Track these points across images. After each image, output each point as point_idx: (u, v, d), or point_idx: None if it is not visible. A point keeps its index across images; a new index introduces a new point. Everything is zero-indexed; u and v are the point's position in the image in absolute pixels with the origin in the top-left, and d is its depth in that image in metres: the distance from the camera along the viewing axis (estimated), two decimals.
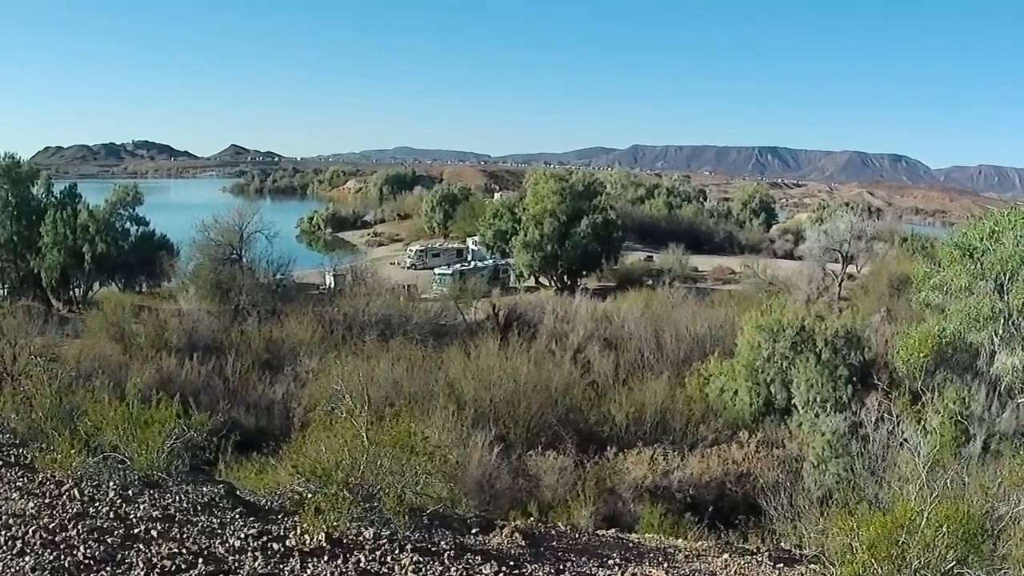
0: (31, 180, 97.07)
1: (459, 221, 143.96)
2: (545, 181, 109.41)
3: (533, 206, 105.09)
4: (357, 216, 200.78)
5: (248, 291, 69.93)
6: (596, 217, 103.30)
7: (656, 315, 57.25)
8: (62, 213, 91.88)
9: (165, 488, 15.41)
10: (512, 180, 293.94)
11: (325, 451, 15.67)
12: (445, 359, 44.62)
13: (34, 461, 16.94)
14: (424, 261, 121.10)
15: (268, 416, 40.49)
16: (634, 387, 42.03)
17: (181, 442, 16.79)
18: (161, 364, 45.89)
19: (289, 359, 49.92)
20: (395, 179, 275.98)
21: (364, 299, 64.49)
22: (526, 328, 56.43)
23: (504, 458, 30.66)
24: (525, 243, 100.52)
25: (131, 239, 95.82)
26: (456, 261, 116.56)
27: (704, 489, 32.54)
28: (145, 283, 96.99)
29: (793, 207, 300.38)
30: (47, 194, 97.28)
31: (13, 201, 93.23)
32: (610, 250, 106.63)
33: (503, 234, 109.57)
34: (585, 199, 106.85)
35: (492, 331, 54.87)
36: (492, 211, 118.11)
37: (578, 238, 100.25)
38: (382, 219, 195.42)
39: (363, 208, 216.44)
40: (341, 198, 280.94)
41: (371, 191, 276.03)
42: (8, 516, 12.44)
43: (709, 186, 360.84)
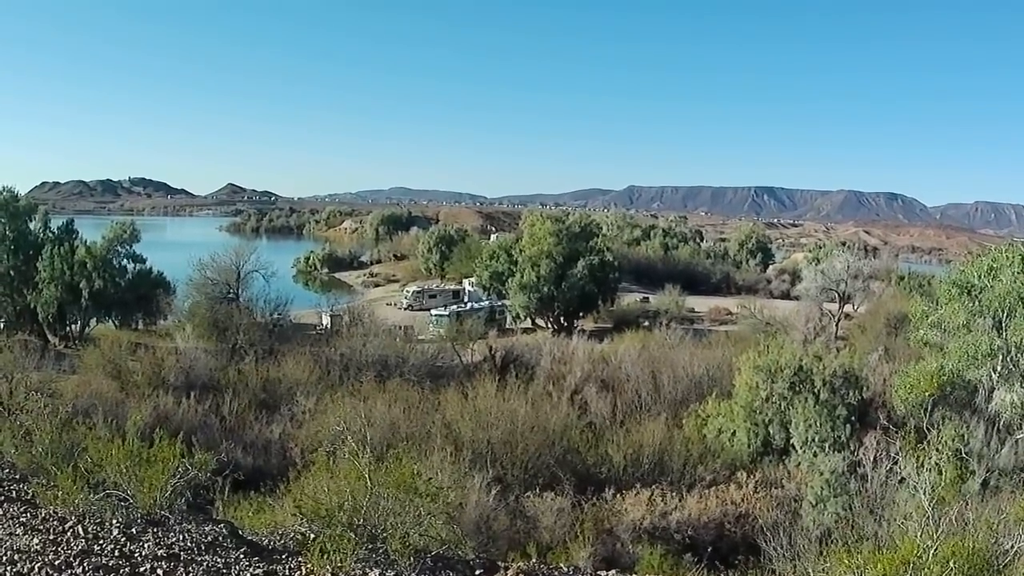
0: (28, 215, 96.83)
1: (455, 262, 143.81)
2: (541, 222, 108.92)
3: (529, 247, 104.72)
4: (353, 256, 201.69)
5: (245, 330, 69.93)
6: (593, 258, 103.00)
7: (653, 356, 57.18)
8: (59, 249, 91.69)
9: (168, 527, 15.36)
10: (508, 221, 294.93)
11: (327, 492, 15.66)
12: (442, 400, 44.40)
13: (35, 496, 16.93)
14: (421, 302, 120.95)
15: (265, 455, 40.39)
16: (632, 428, 41.97)
17: (184, 481, 16.80)
18: (158, 402, 45.84)
19: (286, 399, 49.82)
20: (391, 219, 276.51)
21: (361, 340, 64.37)
22: (523, 369, 56.39)
23: (502, 499, 30.62)
24: (522, 284, 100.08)
25: (128, 276, 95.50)
26: (453, 302, 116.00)
27: (703, 530, 32.48)
28: (141, 320, 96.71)
29: (789, 247, 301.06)
30: (44, 229, 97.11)
31: (10, 235, 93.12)
32: (607, 291, 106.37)
33: (499, 275, 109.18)
34: (581, 240, 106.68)
35: (489, 372, 54.81)
36: (488, 252, 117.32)
37: (575, 279, 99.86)
38: (378, 259, 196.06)
39: (359, 248, 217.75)
40: (337, 238, 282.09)
41: (367, 231, 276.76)
42: (13, 552, 12.45)
43: (705, 227, 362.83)
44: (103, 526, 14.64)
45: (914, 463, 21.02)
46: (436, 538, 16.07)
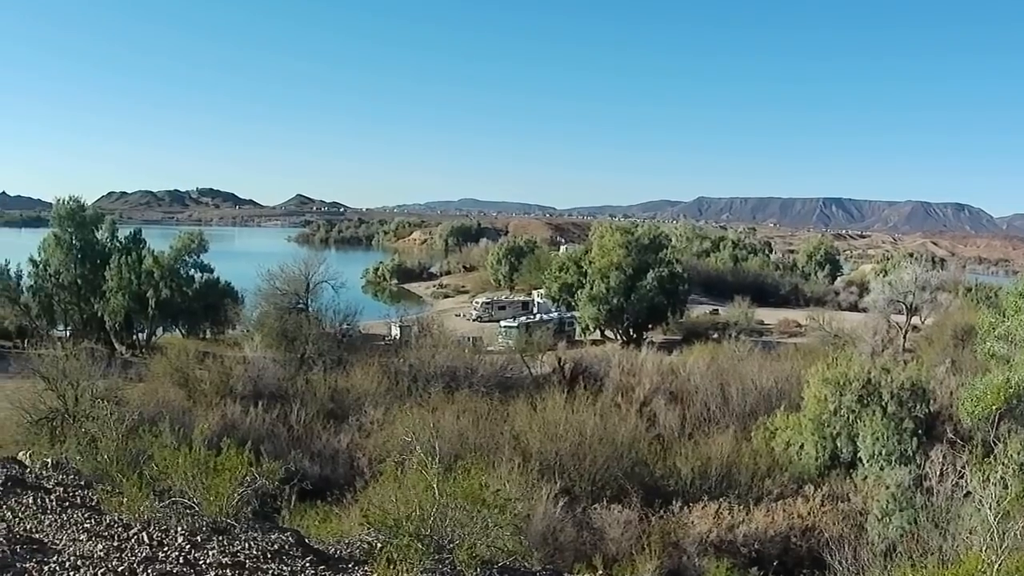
0: (95, 224, 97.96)
1: (525, 274, 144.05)
2: (611, 234, 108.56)
3: (599, 259, 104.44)
4: (423, 267, 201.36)
5: (314, 340, 70.02)
6: (662, 270, 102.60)
7: (722, 369, 56.86)
8: (127, 258, 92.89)
9: (233, 535, 15.24)
10: (577, 233, 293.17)
11: (395, 502, 15.67)
12: (511, 411, 44.51)
13: (100, 503, 16.84)
14: (490, 313, 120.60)
15: (332, 465, 40.56)
16: (700, 441, 41.87)
17: (251, 489, 16.81)
18: (225, 411, 46.15)
19: (354, 409, 50.07)
20: (460, 231, 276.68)
21: (430, 351, 64.39)
22: (592, 381, 56.26)
23: (569, 511, 30.59)
24: (591, 296, 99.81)
25: (196, 286, 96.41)
26: (522, 314, 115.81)
27: (769, 543, 32.35)
28: (209, 330, 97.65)
29: (857, 258, 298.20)
30: (112, 239, 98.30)
31: (77, 244, 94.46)
32: (676, 303, 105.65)
33: (569, 287, 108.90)
34: (651, 252, 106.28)
35: (558, 384, 54.56)
36: (558, 264, 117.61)
37: (644, 291, 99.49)
38: (448, 271, 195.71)
39: (429, 259, 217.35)
40: (406, 249, 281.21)
41: (436, 242, 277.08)
42: (77, 557, 12.31)
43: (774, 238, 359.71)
44: (168, 533, 14.53)
45: (980, 477, 20.85)
46: (503, 549, 15.96)
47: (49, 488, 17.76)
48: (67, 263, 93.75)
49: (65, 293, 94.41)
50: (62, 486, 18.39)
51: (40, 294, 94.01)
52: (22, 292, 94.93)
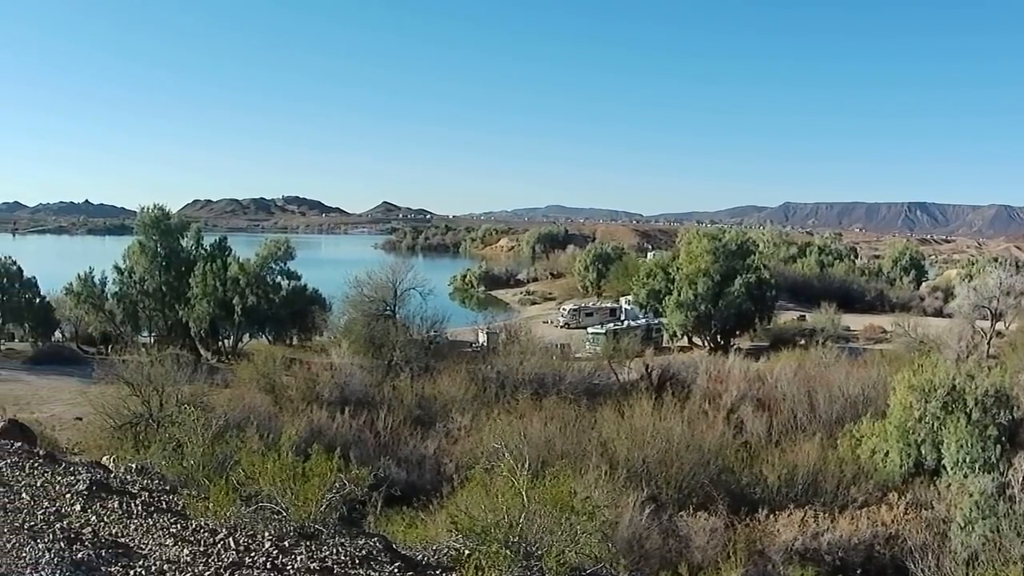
0: (181, 232, 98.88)
1: (612, 280, 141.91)
2: (698, 240, 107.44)
3: (687, 265, 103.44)
4: (510, 274, 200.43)
5: (401, 347, 70.12)
6: (749, 276, 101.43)
7: (809, 375, 56.50)
8: (212, 265, 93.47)
9: (321, 540, 15.18)
10: (664, 239, 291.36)
11: (484, 508, 15.72)
12: (599, 418, 44.25)
13: (185, 508, 16.84)
14: (577, 320, 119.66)
15: (419, 471, 40.60)
16: (787, 448, 41.62)
17: (340, 495, 16.74)
18: (312, 417, 46.45)
19: (441, 415, 50.18)
20: (547, 237, 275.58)
21: (518, 357, 64.27)
22: (680, 388, 56.08)
23: (655, 518, 30.49)
24: (679, 302, 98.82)
25: (282, 293, 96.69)
26: (609, 320, 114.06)
27: (853, 551, 32.16)
28: (296, 336, 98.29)
29: (942, 263, 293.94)
30: (197, 246, 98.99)
31: (162, 252, 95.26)
32: (763, 309, 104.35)
33: (656, 293, 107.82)
34: (738, 258, 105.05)
35: (646, 391, 54.34)
36: (646, 270, 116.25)
37: (732, 297, 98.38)
38: (535, 277, 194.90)
39: (516, 266, 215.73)
40: (494, 256, 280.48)
41: (524, 249, 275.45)
42: (163, 562, 12.36)
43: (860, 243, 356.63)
44: (255, 538, 14.51)
45: None
46: (591, 556, 15.91)
47: (134, 493, 17.70)
48: (152, 270, 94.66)
49: (150, 300, 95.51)
50: (147, 491, 18.39)
51: (125, 301, 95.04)
52: (106, 299, 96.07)
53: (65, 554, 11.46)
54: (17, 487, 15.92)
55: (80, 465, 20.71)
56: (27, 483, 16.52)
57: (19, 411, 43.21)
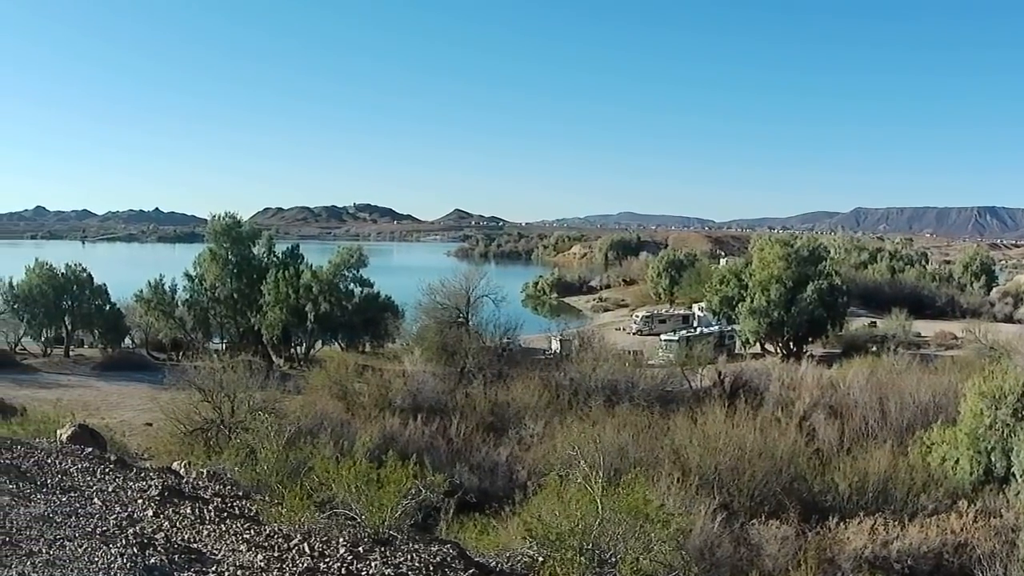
0: (252, 240, 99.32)
1: (685, 287, 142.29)
2: (771, 246, 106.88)
3: (759, 272, 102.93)
4: (583, 281, 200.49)
5: (474, 354, 70.13)
6: (821, 283, 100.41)
7: (881, 382, 56.08)
8: (284, 272, 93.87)
9: (395, 546, 15.30)
10: (736, 245, 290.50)
11: (558, 515, 15.72)
12: (671, 425, 43.99)
13: (259, 513, 17.10)
14: (650, 327, 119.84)
15: (491, 478, 40.54)
16: (858, 456, 41.25)
17: (415, 502, 16.92)
18: (384, 423, 46.57)
19: (514, 422, 50.09)
20: (620, 244, 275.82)
21: (591, 364, 64.16)
22: (752, 395, 55.84)
23: (727, 526, 30.38)
24: (751, 309, 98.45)
25: (355, 300, 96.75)
26: (682, 327, 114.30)
27: (922, 559, 31.88)
28: (368, 343, 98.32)
29: (1012, 268, 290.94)
30: (268, 253, 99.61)
31: (233, 259, 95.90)
32: (835, 316, 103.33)
33: (729, 300, 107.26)
34: (810, 264, 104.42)
35: (719, 398, 54.16)
36: (718, 277, 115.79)
37: (804, 304, 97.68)
38: (607, 284, 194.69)
39: (588, 273, 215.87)
40: (566, 263, 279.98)
41: (596, 256, 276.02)
42: (236, 568, 12.45)
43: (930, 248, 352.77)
44: (329, 544, 14.60)
45: None
46: (664, 564, 15.94)
47: (207, 498, 18.06)
48: (223, 277, 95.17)
49: (221, 307, 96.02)
50: (220, 496, 18.76)
51: (195, 308, 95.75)
52: (177, 306, 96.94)
53: (137, 559, 11.53)
54: (88, 492, 16.10)
55: (151, 471, 20.96)
56: (98, 488, 16.69)
57: (88, 417, 43.69)
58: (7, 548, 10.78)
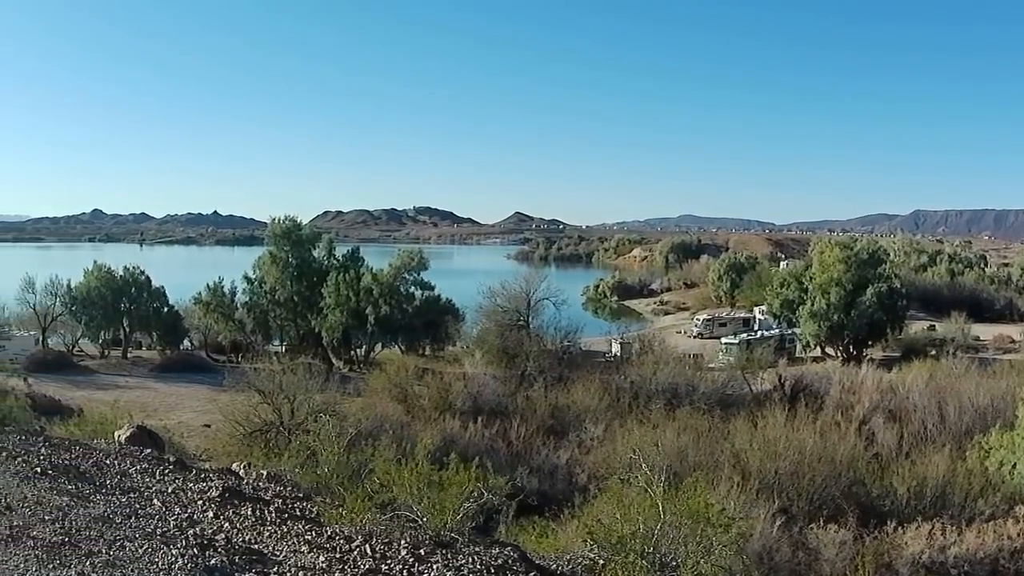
0: (312, 243, 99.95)
1: (746, 290, 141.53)
2: (831, 249, 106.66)
3: (819, 275, 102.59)
4: (643, 284, 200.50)
5: (535, 357, 70.49)
6: (881, 285, 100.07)
7: (940, 386, 55.68)
8: (345, 275, 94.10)
9: (456, 549, 15.15)
10: (797, 248, 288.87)
11: (619, 519, 15.72)
12: (731, 429, 43.92)
13: (320, 515, 17.13)
14: (711, 330, 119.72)
15: (551, 481, 40.69)
16: (916, 460, 41.03)
17: (477, 504, 16.86)
18: (444, 426, 46.74)
19: (574, 425, 50.08)
20: (681, 247, 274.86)
21: (651, 367, 64.09)
22: (812, 399, 55.65)
23: (785, 531, 30.33)
24: (812, 312, 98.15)
25: (415, 303, 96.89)
26: (743, 330, 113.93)
27: (978, 565, 31.65)
28: (429, 346, 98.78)
29: None
30: (329, 256, 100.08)
31: (293, 262, 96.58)
32: (895, 319, 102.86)
33: (790, 303, 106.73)
34: (870, 267, 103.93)
35: (779, 402, 54.08)
36: (779, 280, 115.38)
37: (864, 307, 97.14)
38: (668, 287, 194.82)
39: (649, 276, 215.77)
40: (627, 266, 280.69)
41: (657, 259, 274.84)
42: (297, 569, 12.51)
43: (989, 251, 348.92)
44: (391, 546, 14.51)
45: None
46: (724, 568, 15.86)
47: (267, 499, 18.08)
48: (283, 280, 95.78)
49: (281, 309, 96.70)
50: (280, 498, 18.74)
51: (255, 310, 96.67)
52: (236, 308, 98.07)
53: (198, 560, 11.61)
54: (148, 493, 16.18)
55: (211, 472, 20.98)
56: (158, 489, 16.78)
57: (146, 418, 43.92)
58: (67, 548, 10.88)
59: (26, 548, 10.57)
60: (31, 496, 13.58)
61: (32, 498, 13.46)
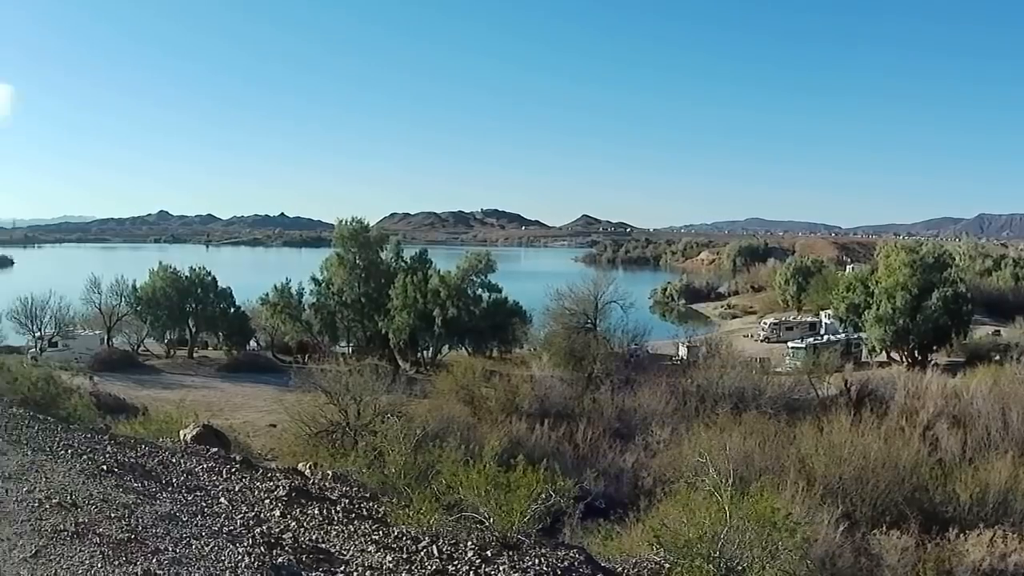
0: (379, 244, 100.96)
1: (812, 294, 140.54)
2: (896, 253, 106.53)
3: (885, 279, 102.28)
4: (710, 288, 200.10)
5: (602, 360, 70.79)
6: (946, 290, 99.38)
7: (1004, 392, 55.26)
8: (412, 277, 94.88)
9: (523, 551, 15.31)
10: (862, 252, 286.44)
11: (686, 523, 15.79)
12: (797, 434, 43.87)
13: (386, 515, 17.29)
14: (778, 334, 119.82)
15: (616, 484, 40.86)
16: (979, 466, 40.76)
17: (545, 507, 16.90)
18: (511, 428, 46.87)
19: (640, 429, 50.28)
20: (748, 251, 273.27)
21: (718, 371, 64.26)
22: (877, 404, 55.46)
23: (848, 536, 30.26)
24: (877, 317, 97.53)
25: (483, 305, 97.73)
26: (809, 335, 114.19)
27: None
28: (496, 348, 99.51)
29: None
30: (396, 258, 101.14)
31: (361, 264, 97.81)
32: (960, 324, 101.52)
33: (856, 307, 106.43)
34: (935, 271, 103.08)
35: (844, 406, 53.95)
36: (845, 284, 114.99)
37: (929, 312, 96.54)
38: (735, 291, 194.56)
39: (716, 279, 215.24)
40: (694, 269, 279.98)
41: (724, 262, 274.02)
42: (364, 568, 12.64)
43: None
44: (457, 547, 14.65)
45: None
46: (788, 572, 15.93)
47: (334, 499, 18.35)
48: (350, 282, 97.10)
49: (348, 311, 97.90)
50: (347, 497, 19.03)
51: (322, 311, 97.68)
52: (303, 309, 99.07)
53: (265, 558, 11.75)
54: (215, 492, 16.34)
55: (278, 471, 21.18)
56: (224, 488, 16.95)
57: (212, 417, 44.30)
58: (133, 545, 11.01)
59: (91, 545, 10.69)
60: (96, 493, 13.68)
61: (98, 495, 13.56)
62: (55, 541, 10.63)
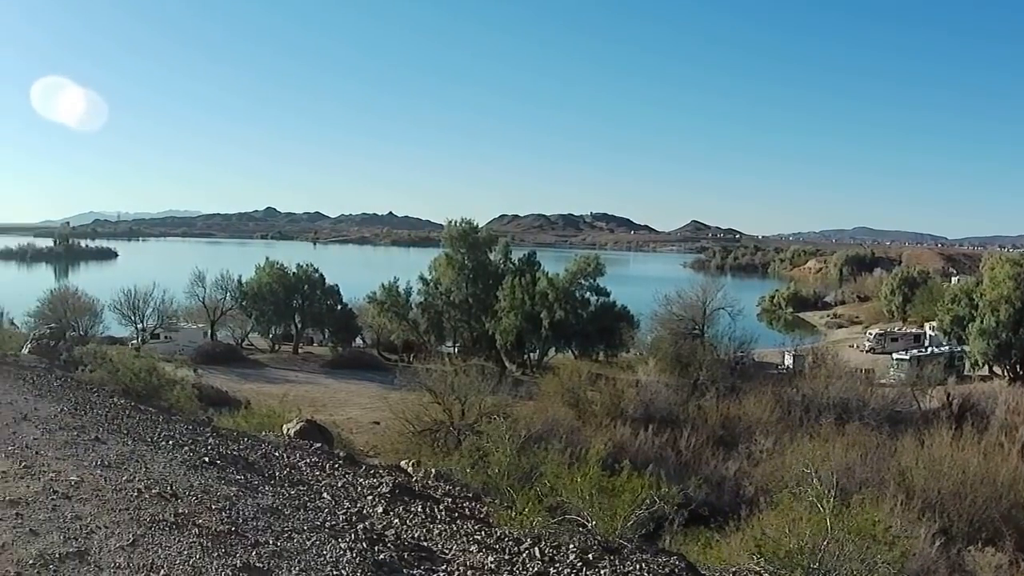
0: (488, 245, 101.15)
1: (917, 305, 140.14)
2: (1000, 265, 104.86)
3: (990, 291, 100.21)
4: (817, 296, 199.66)
5: (708, 367, 70.49)
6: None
7: None
8: (520, 279, 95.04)
9: (624, 556, 15.07)
10: (968, 263, 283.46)
11: (787, 533, 15.76)
12: (899, 447, 43.89)
13: (489, 515, 17.44)
14: (883, 345, 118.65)
15: (718, 492, 40.91)
16: None
17: (649, 513, 16.82)
18: (615, 432, 47.00)
19: (744, 437, 50.44)
20: (855, 260, 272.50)
21: (823, 381, 64.13)
22: (979, 418, 54.96)
23: (944, 551, 30.01)
24: (981, 330, 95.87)
25: (590, 308, 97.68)
26: (914, 346, 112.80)
27: None
28: (602, 352, 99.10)
29: None
30: (505, 260, 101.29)
31: (469, 265, 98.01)
32: None
33: (960, 320, 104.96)
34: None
35: (946, 420, 53.47)
36: (950, 296, 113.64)
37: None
38: (842, 300, 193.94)
39: (823, 288, 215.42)
40: (802, 277, 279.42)
41: (831, 271, 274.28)
42: (466, 568, 12.62)
43: None
44: (559, 550, 14.52)
45: None
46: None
47: (437, 498, 18.40)
48: (458, 282, 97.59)
49: (455, 311, 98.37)
50: (450, 497, 19.10)
51: (430, 311, 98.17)
52: (410, 308, 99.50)
53: (367, 554, 11.78)
54: (317, 487, 16.47)
55: (381, 468, 21.29)
56: (327, 483, 17.07)
57: (315, 413, 44.57)
58: (233, 537, 11.14)
59: (191, 536, 10.79)
60: (197, 485, 13.84)
61: (199, 486, 13.73)
62: (153, 530, 10.73)
